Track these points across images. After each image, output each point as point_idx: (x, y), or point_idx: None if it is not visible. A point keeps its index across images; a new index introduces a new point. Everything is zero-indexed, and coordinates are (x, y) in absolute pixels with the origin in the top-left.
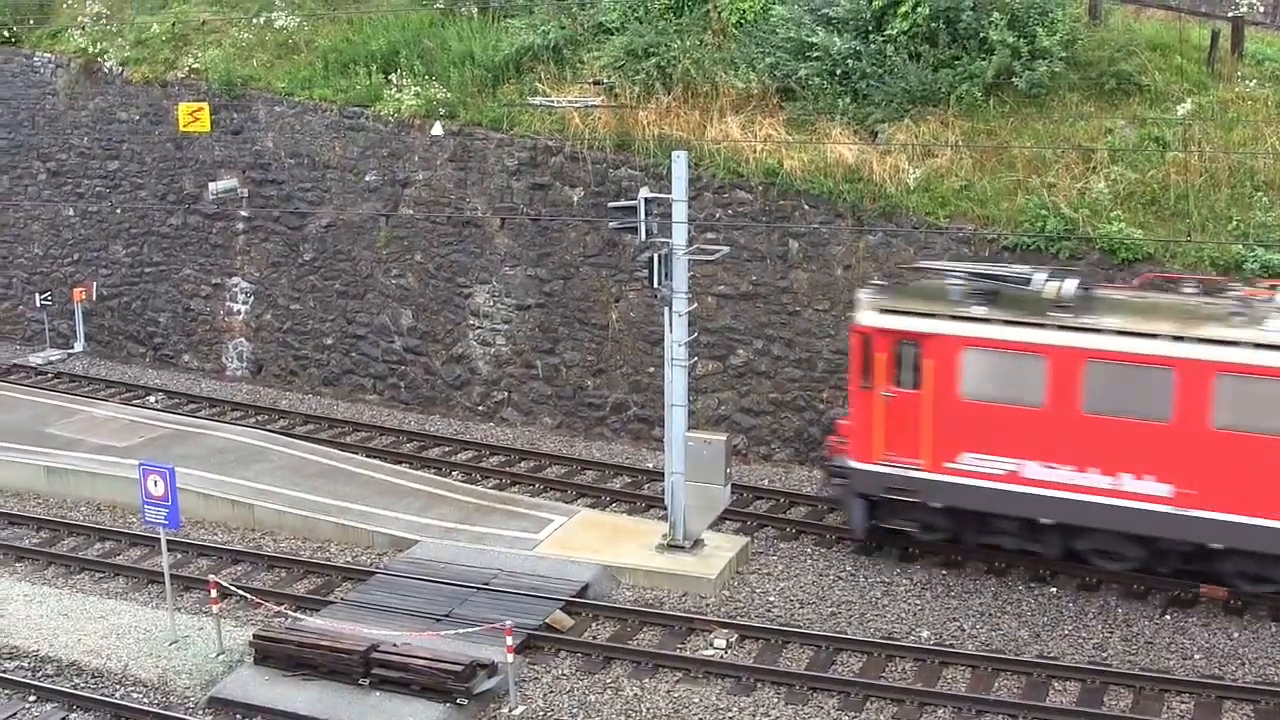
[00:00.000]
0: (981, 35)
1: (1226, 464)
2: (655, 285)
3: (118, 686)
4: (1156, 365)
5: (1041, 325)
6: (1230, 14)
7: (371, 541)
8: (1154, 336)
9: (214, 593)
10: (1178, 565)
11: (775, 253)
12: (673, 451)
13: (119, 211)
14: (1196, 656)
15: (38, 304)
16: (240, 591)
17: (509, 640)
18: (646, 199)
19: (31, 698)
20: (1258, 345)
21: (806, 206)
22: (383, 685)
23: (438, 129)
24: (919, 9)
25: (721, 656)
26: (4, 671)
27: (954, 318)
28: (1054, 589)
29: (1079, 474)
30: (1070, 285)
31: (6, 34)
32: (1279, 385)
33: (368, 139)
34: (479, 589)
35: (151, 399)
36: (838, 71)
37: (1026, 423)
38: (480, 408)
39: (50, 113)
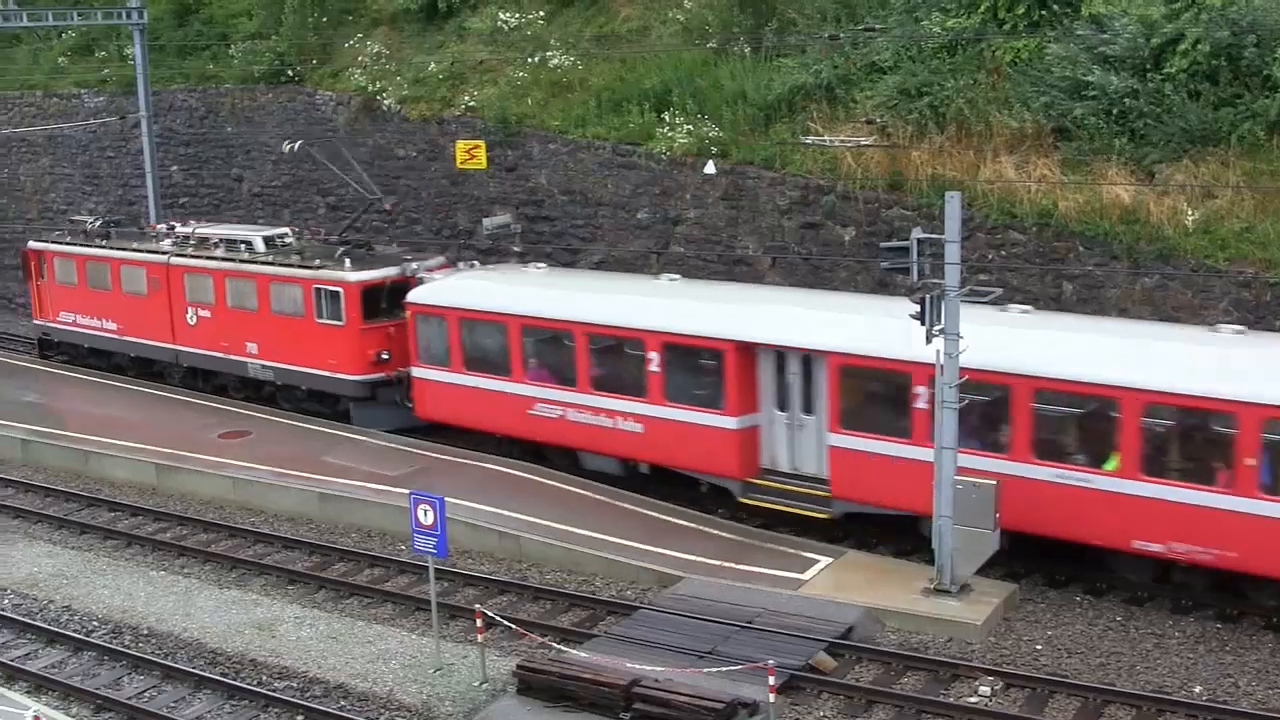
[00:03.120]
0: (1265, 73)
1: (129, 310)
2: (927, 327)
3: (383, 710)
4: (102, 262)
5: (76, 244)
6: None
7: (636, 576)
8: (102, 248)
9: (479, 622)
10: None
11: (1049, 295)
12: (941, 495)
13: (394, 246)
14: None
15: None
16: (505, 621)
17: (771, 680)
18: (919, 239)
19: (299, 717)
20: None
21: (1081, 248)
22: None
23: (710, 167)
24: (1199, 46)
25: (986, 704)
26: (274, 691)
27: (55, 242)
28: None
29: (96, 320)
30: (96, 224)
31: (290, 73)
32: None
33: (640, 177)
34: (742, 627)
35: None
36: (1114, 111)
37: (77, 294)
38: None
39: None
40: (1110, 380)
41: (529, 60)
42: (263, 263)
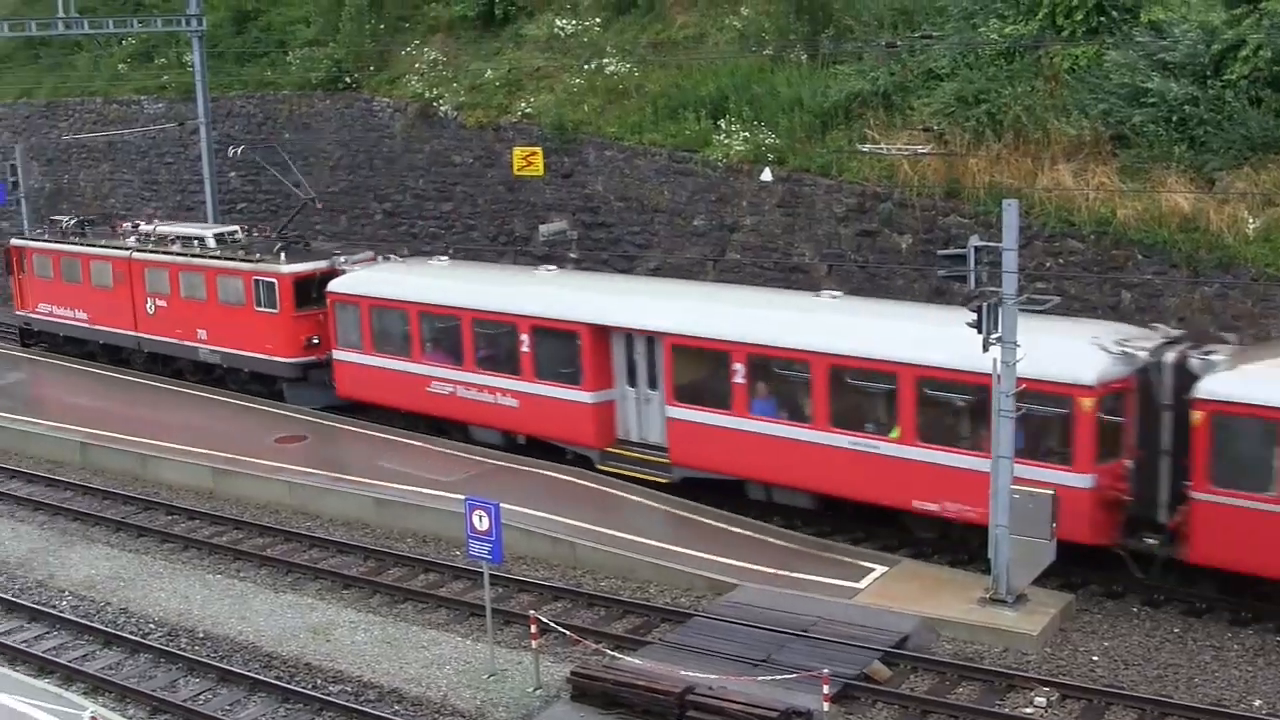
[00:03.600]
0: None
1: (98, 301)
2: (983, 335)
3: (437, 716)
4: (74, 258)
5: (52, 241)
6: None
7: (690, 584)
8: (74, 242)
9: (534, 628)
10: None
11: (1106, 303)
12: (998, 504)
13: (451, 252)
14: None
15: None
16: (560, 628)
17: (826, 689)
18: (976, 247)
19: None
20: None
21: (1140, 256)
22: None
23: (766, 174)
24: (1260, 52)
25: (1042, 715)
26: (328, 695)
27: (35, 239)
28: None
29: (70, 311)
30: (71, 223)
31: (348, 80)
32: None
33: (696, 184)
34: (797, 635)
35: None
36: (1174, 118)
37: (53, 287)
38: None
39: (388, 155)
40: (889, 357)
41: (585, 67)
42: (211, 257)
